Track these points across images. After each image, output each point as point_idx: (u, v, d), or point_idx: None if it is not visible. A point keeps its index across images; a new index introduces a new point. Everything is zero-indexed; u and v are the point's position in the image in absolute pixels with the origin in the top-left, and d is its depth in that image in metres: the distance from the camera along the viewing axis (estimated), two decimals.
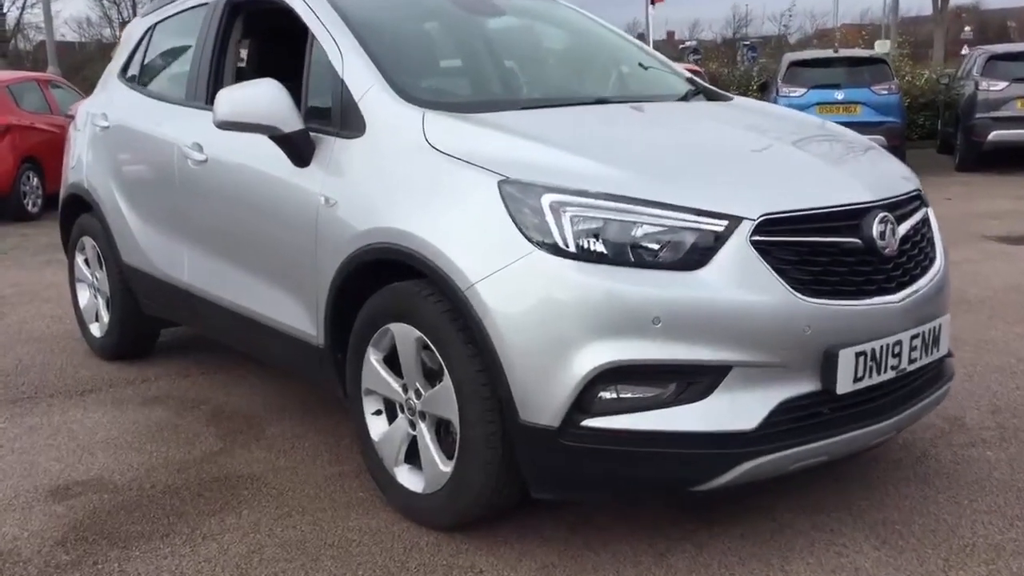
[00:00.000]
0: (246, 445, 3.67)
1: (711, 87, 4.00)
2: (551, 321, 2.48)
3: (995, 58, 12.98)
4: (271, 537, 2.93)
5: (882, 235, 2.66)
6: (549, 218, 2.52)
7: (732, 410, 2.50)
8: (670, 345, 2.45)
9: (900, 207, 2.84)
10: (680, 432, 2.48)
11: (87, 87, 10.54)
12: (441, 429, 2.90)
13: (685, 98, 3.76)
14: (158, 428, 3.89)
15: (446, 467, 2.81)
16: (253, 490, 3.27)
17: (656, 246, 2.50)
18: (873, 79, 12.31)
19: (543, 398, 2.51)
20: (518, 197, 2.58)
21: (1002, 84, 12.50)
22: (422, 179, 2.83)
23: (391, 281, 2.93)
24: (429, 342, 2.77)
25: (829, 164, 2.95)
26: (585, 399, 2.49)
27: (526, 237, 2.53)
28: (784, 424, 2.55)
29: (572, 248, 2.49)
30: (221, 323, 3.87)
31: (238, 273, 3.63)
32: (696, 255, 2.49)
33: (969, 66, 13.88)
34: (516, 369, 2.54)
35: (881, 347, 2.63)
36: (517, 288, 2.53)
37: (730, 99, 3.82)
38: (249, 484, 3.32)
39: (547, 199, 2.54)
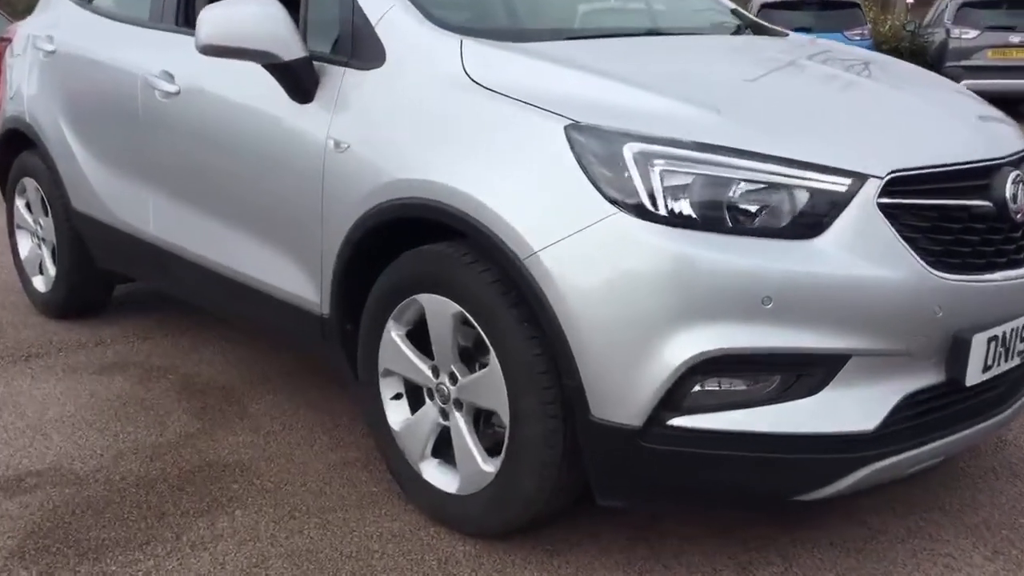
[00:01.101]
0: (228, 425, 3.18)
1: (758, 20, 3.53)
2: (638, 299, 2.03)
3: (967, 5, 12.70)
4: (274, 546, 2.46)
5: (1014, 197, 2.26)
6: (634, 173, 2.06)
7: (849, 408, 2.08)
8: (781, 330, 2.02)
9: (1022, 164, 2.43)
10: (788, 434, 2.06)
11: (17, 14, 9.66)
12: (481, 420, 2.44)
13: (737, 32, 3.29)
14: (121, 403, 3.37)
15: (489, 466, 2.36)
16: (244, 483, 2.79)
17: (765, 210, 2.05)
18: (846, 24, 11.98)
19: (624, 391, 2.07)
20: (593, 146, 2.11)
21: (973, 32, 12.24)
22: (464, 122, 2.34)
23: (419, 243, 2.45)
24: (471, 318, 2.30)
25: (946, 113, 2.52)
26: (676, 394, 2.05)
27: (604, 196, 2.07)
28: (904, 422, 2.15)
29: (663, 210, 2.04)
30: (196, 284, 3.33)
31: (219, 227, 3.10)
32: (813, 221, 2.05)
33: (939, 13, 13.61)
34: (590, 356, 2.08)
35: (1011, 330, 2.24)
36: (593, 258, 2.07)
37: (785, 35, 3.36)
38: (238, 475, 2.83)
39: (631, 149, 2.07)
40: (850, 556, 2.39)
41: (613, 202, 2.05)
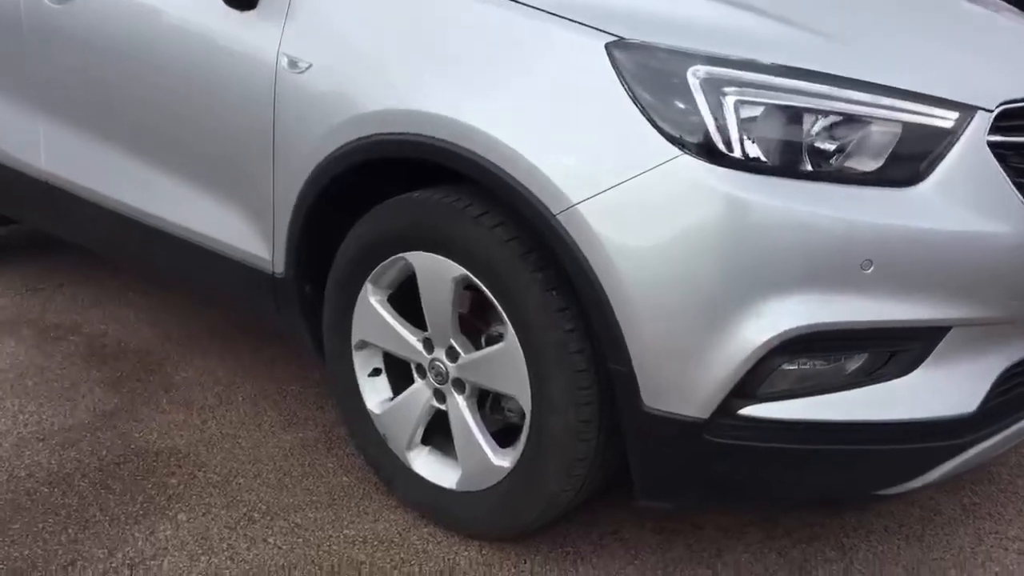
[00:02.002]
0: (152, 400, 2.67)
1: None
2: (708, 265, 1.63)
3: None
4: (234, 560, 2.02)
5: None
6: (701, 103, 1.64)
7: (947, 388, 1.75)
8: (880, 300, 1.66)
9: None
10: (880, 423, 1.72)
11: None
12: (488, 402, 2.03)
13: None
14: (17, 372, 2.81)
15: (502, 460, 1.96)
16: (184, 476, 2.31)
17: (863, 152, 1.66)
18: None
19: (688, 378, 1.68)
20: (646, 71, 1.67)
21: None
22: (471, 36, 1.86)
23: (403, 189, 1.99)
24: (480, 284, 1.87)
25: None
26: (752, 380, 1.67)
27: (663, 134, 1.64)
28: (998, 398, 1.83)
29: (738, 152, 1.63)
30: (104, 231, 2.76)
31: (133, 164, 2.54)
32: (914, 165, 1.68)
33: None
34: (645, 335, 1.68)
35: None
36: (650, 212, 1.65)
37: None
38: (175, 466, 2.35)
39: (697, 74, 1.65)
40: (912, 544, 2.10)
41: (674, 142, 1.63)
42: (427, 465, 2.12)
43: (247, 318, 3.07)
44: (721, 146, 1.62)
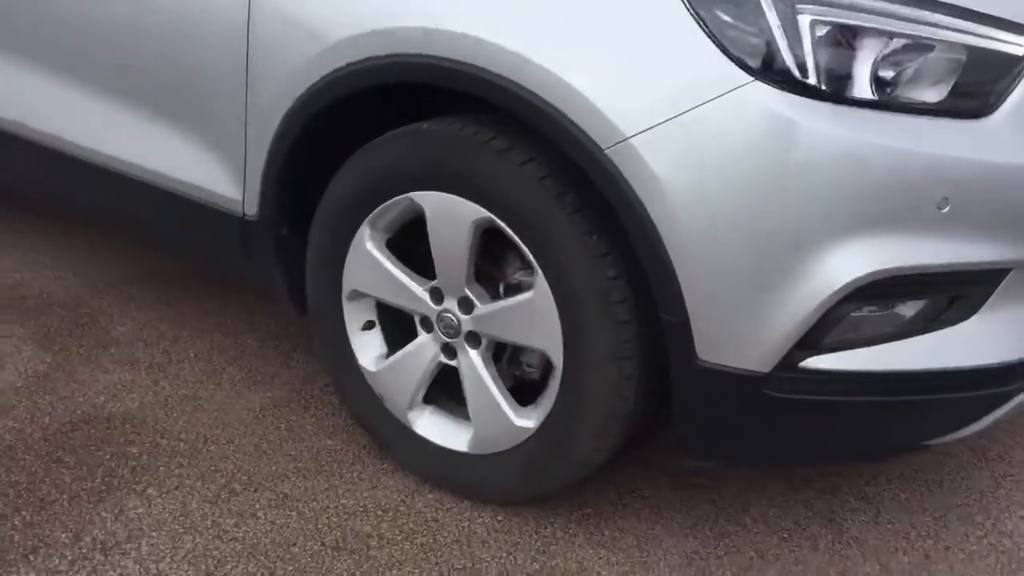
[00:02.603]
0: (91, 358, 2.39)
1: None
2: (776, 202, 1.48)
3: None
4: (225, 540, 1.80)
5: None
6: (774, 23, 1.47)
7: (1005, 332, 1.66)
8: (953, 240, 1.54)
9: None
10: (942, 371, 1.62)
11: None
12: (504, 357, 1.86)
13: None
14: None
15: (525, 420, 1.79)
16: (145, 444, 2.07)
17: (935, 79, 1.53)
18: None
19: (750, 328, 1.54)
20: None
21: None
22: None
23: (403, 120, 1.78)
24: (505, 227, 1.68)
25: None
26: (819, 329, 1.54)
27: (730, 57, 1.47)
28: None
29: (813, 77, 1.47)
30: (41, 175, 2.43)
31: (80, 98, 2.21)
32: (982, 94, 1.56)
33: None
34: (702, 282, 1.53)
35: None
36: (715, 147, 1.48)
37: None
38: (132, 433, 2.10)
39: None
40: (933, 491, 2.04)
41: (743, 67, 1.47)
42: (432, 426, 1.94)
43: (186, 264, 2.79)
44: (795, 71, 1.46)
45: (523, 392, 1.83)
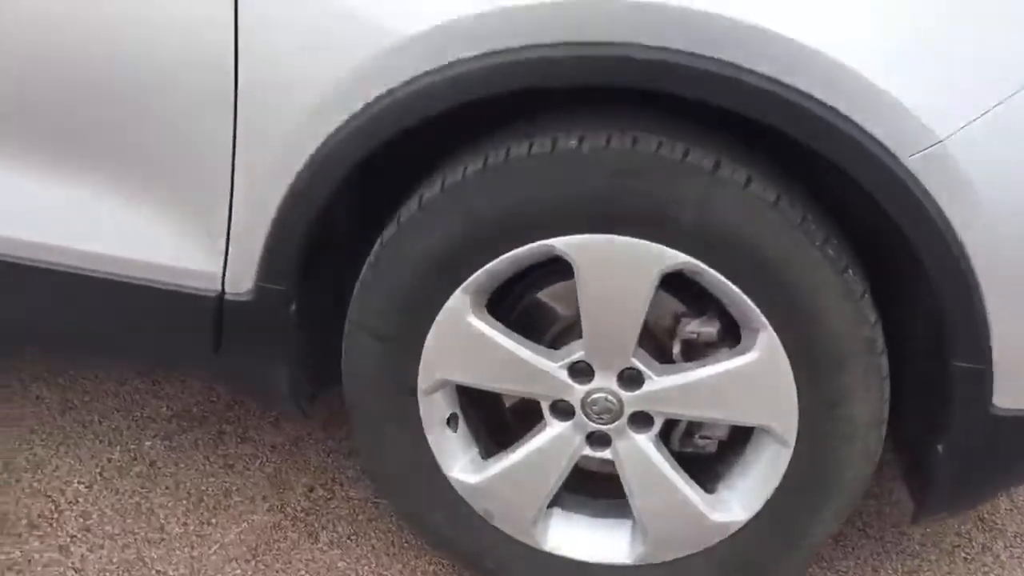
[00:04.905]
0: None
1: None
2: None
3: None
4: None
5: None
6: None
7: None
8: None
9: None
10: None
11: None
12: (676, 436, 1.40)
13: None
14: None
15: (724, 513, 1.36)
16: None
17: None
18: None
19: None
20: None
21: None
22: None
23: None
24: (716, 275, 1.21)
25: None
26: None
27: None
28: None
29: None
30: None
31: None
32: None
33: None
34: (1012, 321, 1.19)
35: None
36: None
37: None
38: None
39: None
40: None
41: None
42: (568, 537, 1.43)
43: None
44: None
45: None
